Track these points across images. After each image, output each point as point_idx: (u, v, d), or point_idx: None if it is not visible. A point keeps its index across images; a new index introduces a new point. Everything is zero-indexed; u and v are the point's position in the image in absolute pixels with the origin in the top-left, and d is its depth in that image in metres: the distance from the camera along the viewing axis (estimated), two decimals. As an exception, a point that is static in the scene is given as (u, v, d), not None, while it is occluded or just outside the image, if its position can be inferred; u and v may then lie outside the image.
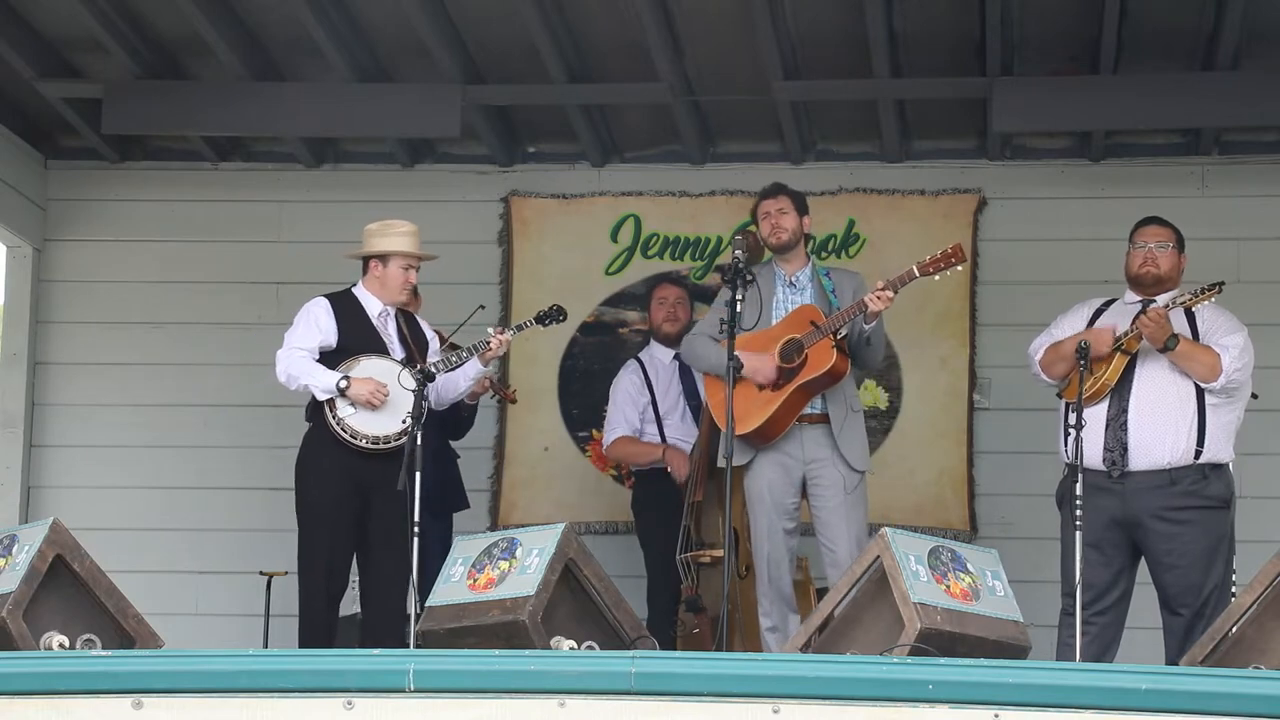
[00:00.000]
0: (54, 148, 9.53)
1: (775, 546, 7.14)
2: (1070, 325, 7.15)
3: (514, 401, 8.37)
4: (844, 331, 7.07)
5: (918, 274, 7.05)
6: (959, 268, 7.11)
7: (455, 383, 7.59)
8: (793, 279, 7.33)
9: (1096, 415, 6.85)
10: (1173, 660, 6.80)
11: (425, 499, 7.49)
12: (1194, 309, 6.93)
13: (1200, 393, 6.89)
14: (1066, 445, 6.87)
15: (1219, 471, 6.92)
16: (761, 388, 7.12)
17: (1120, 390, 6.88)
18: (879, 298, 6.95)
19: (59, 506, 8.54)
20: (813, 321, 7.10)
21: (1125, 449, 6.85)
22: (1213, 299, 6.82)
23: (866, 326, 7.06)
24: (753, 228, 8.90)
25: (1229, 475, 6.96)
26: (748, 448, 7.17)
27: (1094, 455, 6.82)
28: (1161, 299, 6.98)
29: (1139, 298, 7.09)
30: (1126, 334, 6.87)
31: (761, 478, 7.17)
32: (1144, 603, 7.01)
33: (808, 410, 7.15)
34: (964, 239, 8.92)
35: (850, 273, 7.48)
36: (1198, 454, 6.86)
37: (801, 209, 7.37)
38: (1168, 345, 6.82)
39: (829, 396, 7.14)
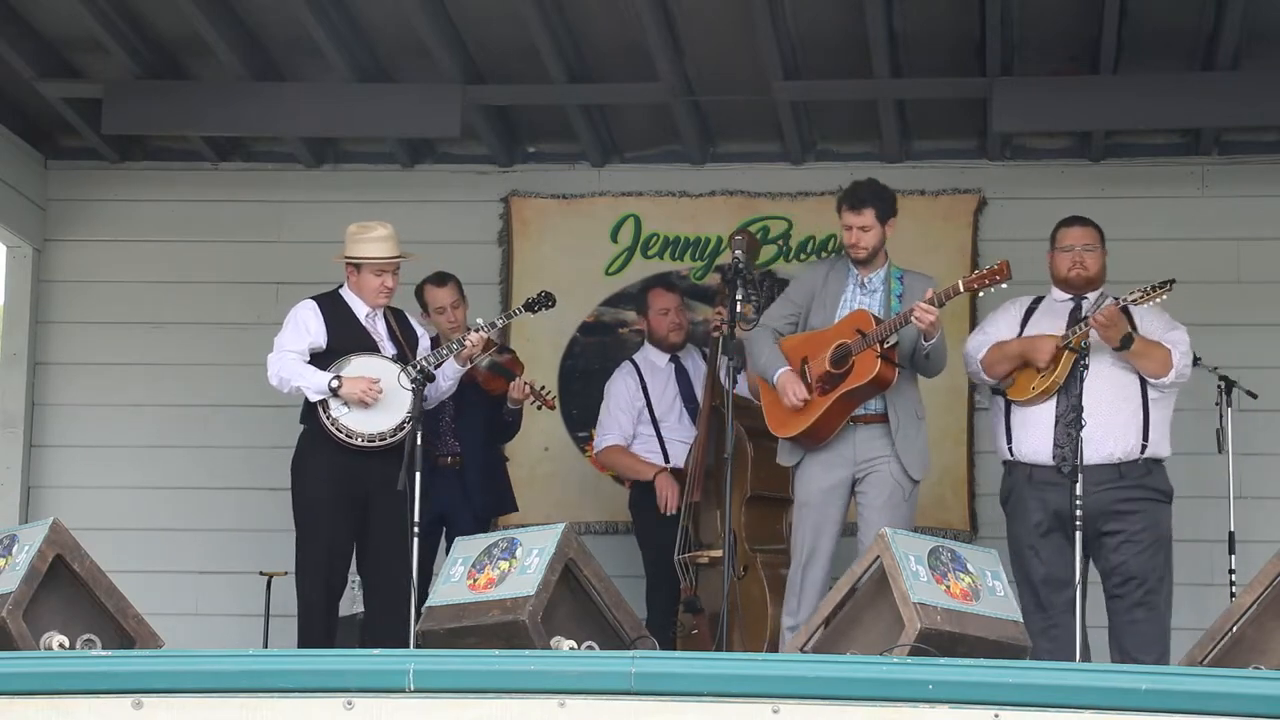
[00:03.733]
0: (54, 148, 9.53)
1: (819, 547, 7.10)
2: (1005, 324, 7.21)
3: (553, 408, 8.39)
4: (892, 340, 7.00)
5: (963, 289, 7.00)
6: (1004, 285, 7.04)
7: (437, 382, 7.59)
8: (865, 280, 7.25)
9: (1045, 413, 6.91)
10: (1118, 644, 6.87)
11: (471, 505, 7.58)
12: (1129, 305, 6.93)
13: (1144, 388, 6.94)
14: (1010, 444, 7.01)
15: (1159, 466, 7.02)
16: (809, 391, 7.10)
17: (1068, 387, 6.90)
18: (927, 310, 6.86)
19: (59, 506, 8.53)
20: (859, 329, 7.07)
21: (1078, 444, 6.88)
22: (1163, 297, 6.82)
23: (925, 344, 7.00)
24: (751, 228, 8.96)
25: (1165, 471, 7.03)
26: (796, 449, 7.16)
27: (1043, 452, 6.89)
28: (1092, 296, 7.02)
29: (1068, 296, 7.12)
30: (1073, 333, 6.88)
31: (812, 479, 7.14)
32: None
33: (862, 410, 7.10)
34: (964, 239, 8.94)
35: (925, 277, 7.27)
36: (1143, 448, 6.94)
37: (885, 216, 7.20)
38: (1123, 344, 6.86)
39: (892, 398, 7.07)
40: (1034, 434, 6.93)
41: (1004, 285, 7.02)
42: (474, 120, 8.87)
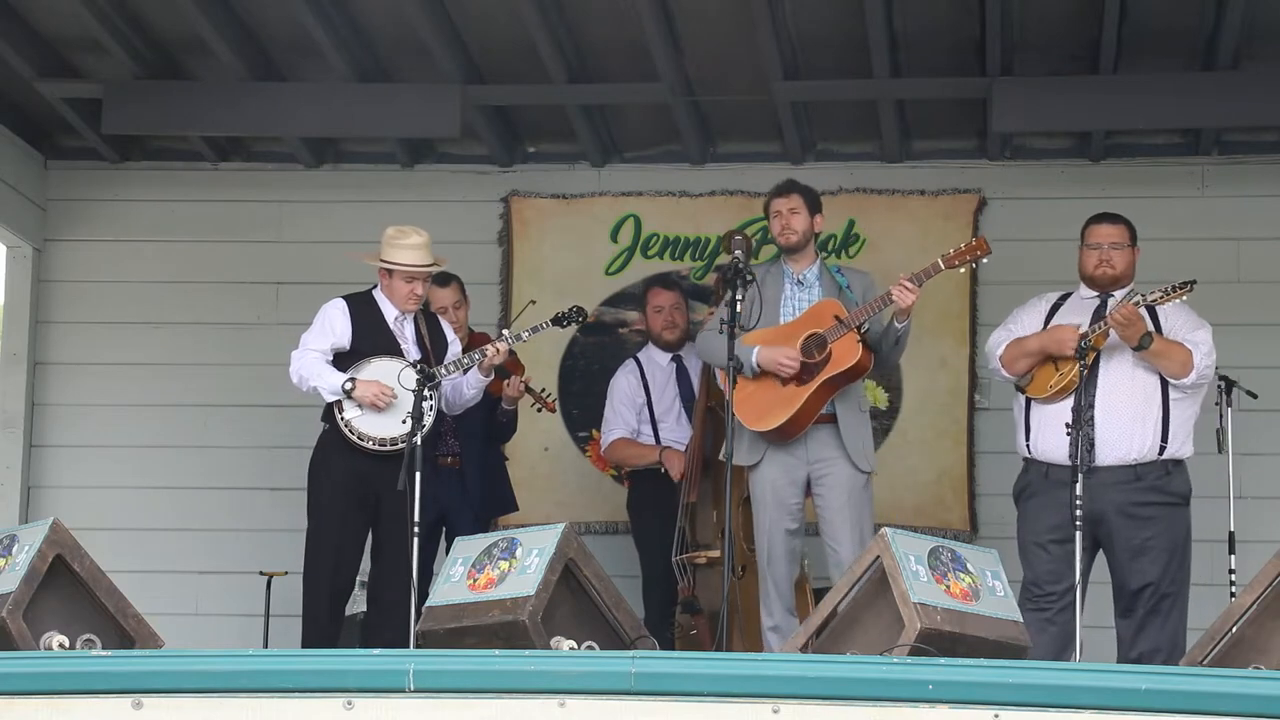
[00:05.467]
0: (54, 148, 9.54)
1: (776, 546, 7.13)
2: (1029, 320, 7.18)
3: (553, 410, 8.41)
4: (866, 326, 7.06)
5: (943, 266, 7.04)
6: (985, 260, 7.09)
7: (461, 390, 7.60)
8: (800, 276, 7.30)
9: (1061, 411, 6.83)
10: (1128, 649, 6.85)
11: (471, 505, 7.56)
12: (1154, 306, 6.91)
13: (1165, 388, 6.91)
14: (1029, 441, 6.98)
15: (1180, 467, 6.96)
16: (785, 383, 7.10)
17: (1086, 386, 6.88)
18: (907, 288, 6.91)
19: (59, 506, 8.54)
20: (836, 316, 7.08)
21: (1091, 444, 6.86)
22: (1183, 297, 6.81)
23: (899, 325, 7.02)
24: (751, 229, 8.96)
25: (1187, 472, 6.98)
26: (759, 444, 7.16)
27: (1059, 451, 6.80)
28: (1119, 294, 6.99)
29: (1094, 293, 7.11)
30: (1094, 331, 6.86)
31: (765, 478, 7.16)
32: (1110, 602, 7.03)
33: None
34: (964, 239, 8.91)
35: (860, 272, 7.45)
36: (1162, 449, 6.89)
37: (814, 207, 7.32)
38: (1142, 343, 6.83)
39: (839, 396, 7.11)
40: (1052, 432, 6.86)
41: (984, 260, 7.07)
42: (474, 120, 8.87)
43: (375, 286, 7.65)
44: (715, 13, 8.09)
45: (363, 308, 7.57)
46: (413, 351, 7.51)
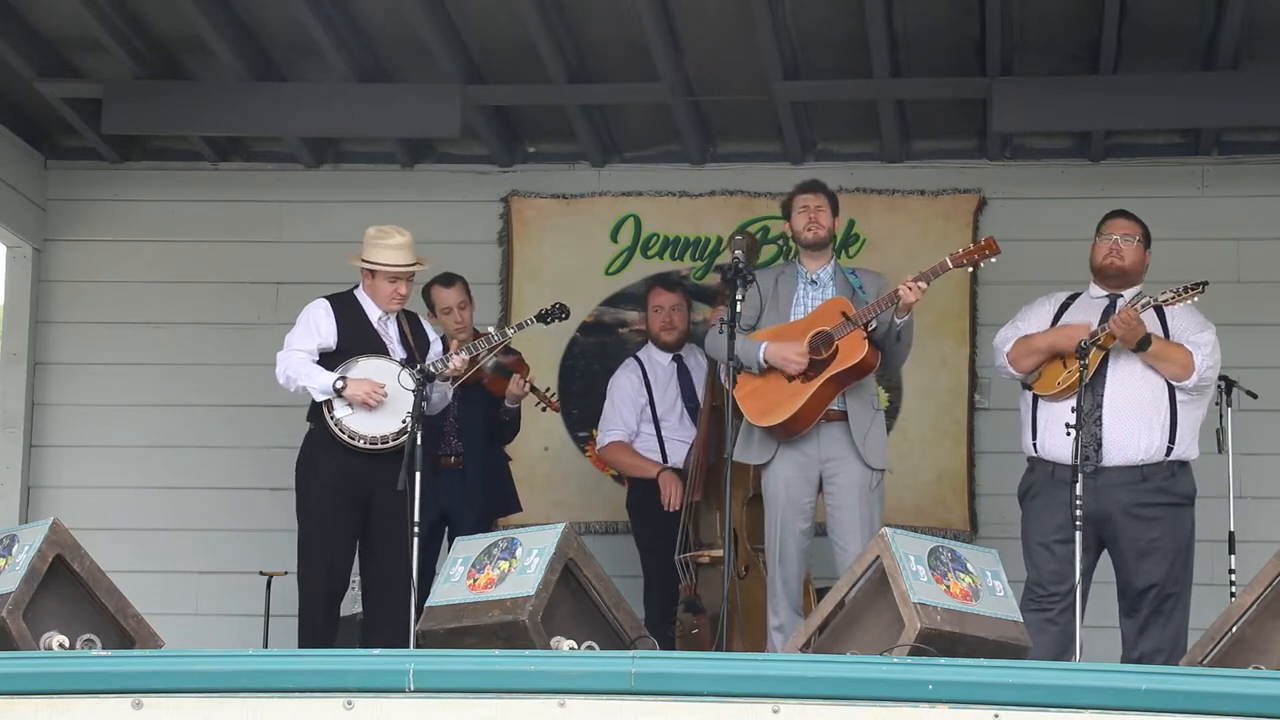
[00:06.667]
0: (54, 148, 9.54)
1: (787, 545, 7.11)
2: (1036, 319, 7.18)
3: (557, 410, 8.41)
4: (874, 325, 7.06)
5: (950, 265, 7.06)
6: (993, 260, 7.11)
7: (430, 397, 7.56)
8: (814, 276, 7.31)
9: (1068, 410, 6.78)
10: (1131, 650, 6.84)
11: (473, 505, 7.54)
12: (1163, 306, 6.91)
13: (1173, 390, 6.92)
14: (1035, 440, 6.95)
15: (1185, 469, 6.96)
16: (791, 379, 7.11)
17: (1094, 386, 6.89)
18: (912, 288, 6.94)
19: (59, 506, 8.54)
20: (844, 313, 7.09)
21: (1100, 444, 6.86)
22: (1195, 299, 6.81)
23: (899, 321, 7.05)
24: (751, 228, 8.97)
25: (1192, 473, 6.99)
26: (770, 442, 7.16)
27: (1066, 450, 6.76)
28: (1128, 294, 7.00)
29: (1105, 291, 7.11)
30: (1102, 330, 6.87)
31: (779, 476, 7.15)
32: (1114, 601, 7.02)
33: (828, 406, 7.14)
34: (964, 239, 8.94)
35: (874, 273, 7.45)
36: (1169, 451, 6.89)
37: (834, 209, 7.36)
38: (1140, 346, 6.84)
39: (851, 394, 7.12)
40: (1059, 431, 6.81)
41: (993, 260, 7.10)
42: (474, 120, 8.87)
43: (356, 287, 7.65)
44: (715, 13, 8.09)
45: (346, 308, 7.58)
46: (398, 351, 7.52)
